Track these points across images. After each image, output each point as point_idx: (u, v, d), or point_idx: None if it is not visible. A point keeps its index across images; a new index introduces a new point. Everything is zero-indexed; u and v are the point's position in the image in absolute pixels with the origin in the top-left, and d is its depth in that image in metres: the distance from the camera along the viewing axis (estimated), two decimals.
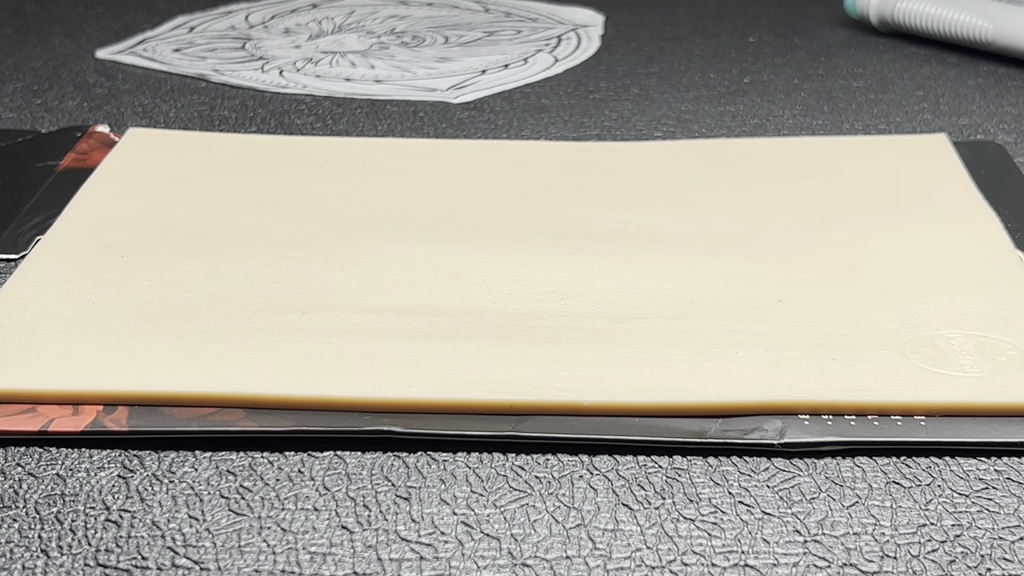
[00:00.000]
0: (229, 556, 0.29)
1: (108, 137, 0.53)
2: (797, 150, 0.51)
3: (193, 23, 0.73)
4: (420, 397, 0.34)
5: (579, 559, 0.29)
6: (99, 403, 0.34)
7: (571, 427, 0.33)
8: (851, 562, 0.28)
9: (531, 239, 0.43)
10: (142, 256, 0.42)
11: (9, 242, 0.44)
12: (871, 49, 0.66)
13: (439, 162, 0.50)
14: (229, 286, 0.40)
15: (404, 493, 0.31)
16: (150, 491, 0.31)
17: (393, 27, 0.71)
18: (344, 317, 0.38)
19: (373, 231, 0.43)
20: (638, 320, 0.37)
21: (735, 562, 0.29)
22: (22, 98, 0.59)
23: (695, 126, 0.55)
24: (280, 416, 0.33)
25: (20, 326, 0.37)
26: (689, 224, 0.44)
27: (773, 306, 0.38)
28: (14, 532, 0.30)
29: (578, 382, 0.34)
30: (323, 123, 0.56)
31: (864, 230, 0.43)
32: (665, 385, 0.34)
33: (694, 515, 0.30)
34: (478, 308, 0.38)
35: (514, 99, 0.59)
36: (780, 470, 0.32)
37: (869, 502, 0.30)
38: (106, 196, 0.46)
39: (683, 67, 0.64)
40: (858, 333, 0.36)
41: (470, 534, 0.30)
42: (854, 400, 0.33)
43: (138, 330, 0.37)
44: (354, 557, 0.29)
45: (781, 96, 0.59)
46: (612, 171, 0.49)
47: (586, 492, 0.31)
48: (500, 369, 0.35)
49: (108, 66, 0.64)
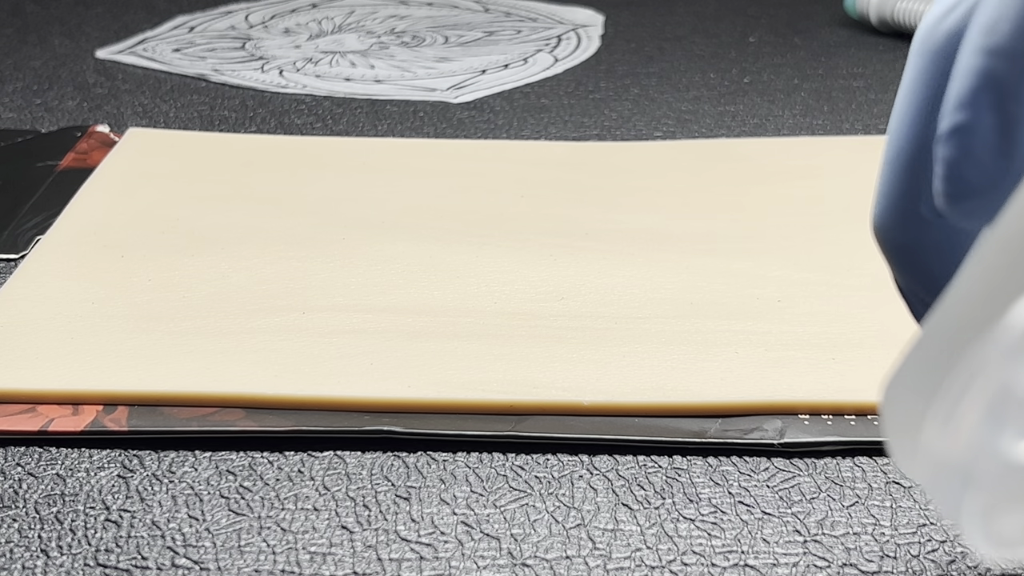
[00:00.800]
0: (229, 556, 0.29)
1: (108, 137, 0.53)
2: (797, 150, 0.51)
3: (193, 23, 0.73)
4: (420, 397, 0.34)
5: (579, 559, 0.29)
6: (99, 403, 0.34)
7: (571, 427, 0.33)
8: (851, 562, 0.28)
9: (531, 239, 0.43)
10: (142, 256, 0.42)
11: (9, 242, 0.44)
12: (871, 49, 0.66)
13: (439, 162, 0.50)
14: (229, 286, 0.40)
15: (404, 493, 0.31)
16: (150, 491, 0.31)
17: (393, 27, 0.71)
18: (344, 317, 0.38)
19: (373, 231, 0.43)
20: (638, 320, 0.37)
21: (735, 562, 0.29)
22: (22, 98, 0.59)
23: (695, 126, 0.55)
24: (280, 416, 0.33)
25: (20, 326, 0.37)
26: (689, 224, 0.44)
27: (773, 306, 0.38)
28: (14, 532, 0.30)
29: (578, 382, 0.34)
30: (323, 123, 0.56)
31: (864, 230, 0.43)
32: (665, 385, 0.34)
33: (694, 515, 0.30)
34: (478, 308, 0.38)
35: (514, 99, 0.59)
36: (780, 470, 0.32)
37: (869, 502, 0.30)
38: (106, 196, 0.46)
39: (683, 67, 0.64)
40: (858, 333, 0.36)
41: (470, 534, 0.30)
42: (854, 400, 0.33)
43: (138, 330, 0.37)
44: (354, 557, 0.29)
45: (781, 96, 0.59)
46: (612, 171, 0.49)
47: (586, 492, 0.31)
48: (500, 369, 0.35)
49: (108, 66, 0.64)
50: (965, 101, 0.18)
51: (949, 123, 0.18)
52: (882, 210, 0.21)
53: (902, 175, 0.21)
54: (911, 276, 0.22)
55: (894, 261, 0.22)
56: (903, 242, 0.21)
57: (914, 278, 0.22)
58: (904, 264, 0.22)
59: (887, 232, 0.21)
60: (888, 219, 0.21)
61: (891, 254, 0.22)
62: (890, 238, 0.21)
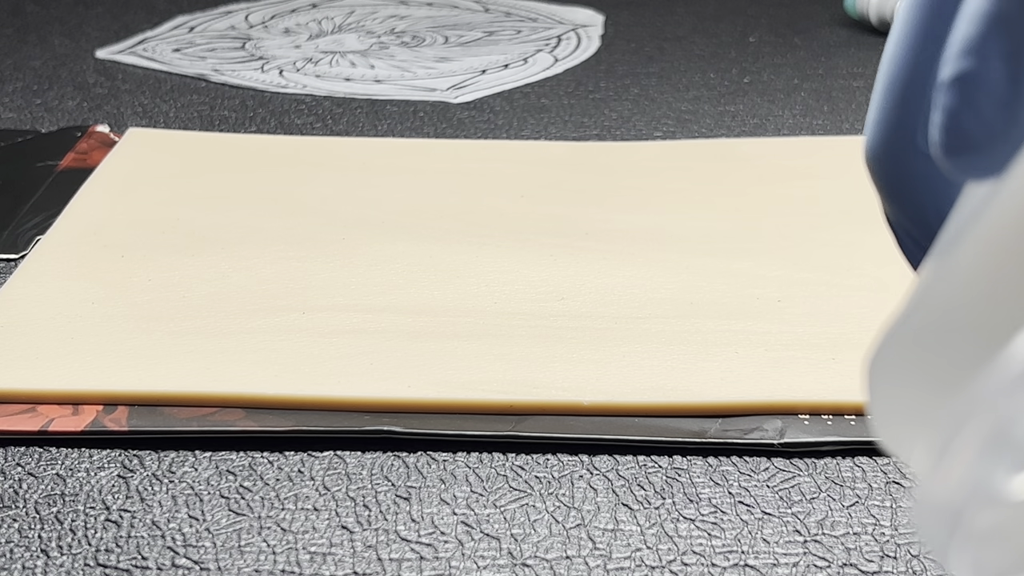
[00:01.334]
0: (229, 556, 0.29)
1: (108, 137, 0.53)
2: (797, 150, 0.51)
3: (193, 23, 0.73)
4: (420, 397, 0.34)
5: (579, 559, 0.29)
6: (99, 403, 0.34)
7: (571, 427, 0.33)
8: (851, 562, 0.28)
9: (531, 239, 0.43)
10: (142, 256, 0.42)
11: (9, 242, 0.44)
12: (871, 49, 0.66)
13: (439, 162, 0.50)
14: (229, 286, 0.40)
15: (404, 493, 0.31)
16: (150, 491, 0.31)
17: (393, 27, 0.71)
18: (344, 317, 0.38)
19: (373, 231, 0.43)
20: (638, 320, 0.37)
21: (735, 562, 0.29)
22: (22, 98, 0.59)
23: (695, 126, 0.55)
24: (280, 416, 0.33)
25: (20, 326, 0.37)
26: (689, 224, 0.44)
27: (773, 306, 0.38)
28: (14, 532, 0.30)
29: (578, 382, 0.34)
30: (323, 123, 0.56)
31: (864, 230, 0.43)
32: (665, 385, 0.34)
33: (694, 515, 0.30)
34: (478, 308, 0.38)
35: (514, 99, 0.59)
36: (780, 470, 0.32)
37: (869, 502, 0.30)
38: (106, 196, 0.46)
39: (683, 67, 0.64)
40: (858, 333, 0.36)
41: (470, 534, 0.30)
42: (854, 400, 0.33)
43: (138, 330, 0.37)
44: (354, 557, 0.29)
45: (781, 96, 0.59)
46: (612, 171, 0.49)
47: (586, 492, 0.31)
48: (500, 369, 0.35)
49: (108, 66, 0.64)
50: (972, 47, 0.16)
51: (953, 70, 0.16)
52: (874, 140, 0.20)
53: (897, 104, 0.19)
54: (901, 210, 0.21)
55: (885, 193, 0.20)
56: (895, 174, 0.20)
57: (904, 213, 0.21)
58: (895, 197, 0.20)
59: (879, 163, 0.20)
60: (880, 149, 0.20)
61: (882, 186, 0.20)
62: (881, 169, 0.20)
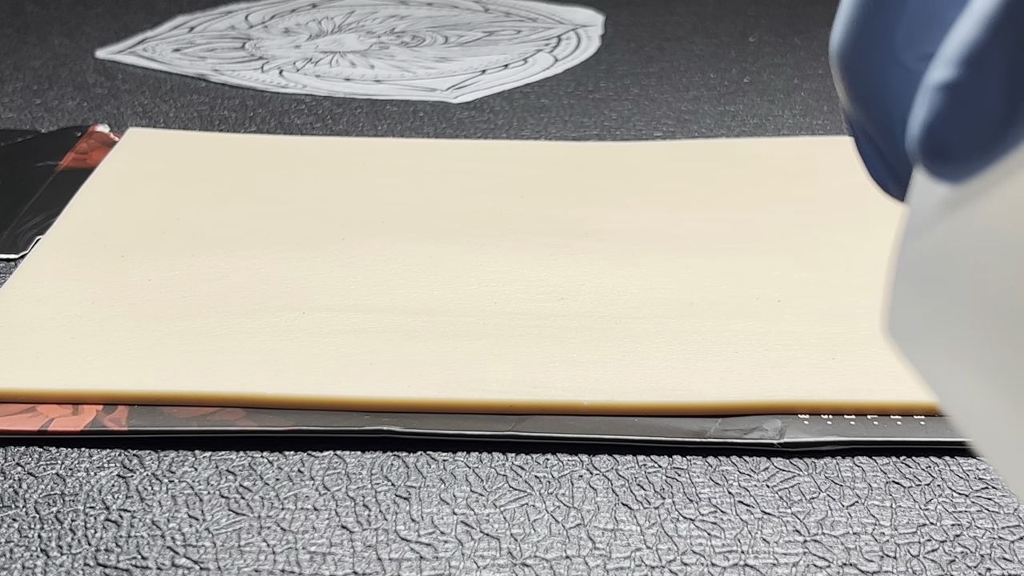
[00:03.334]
0: (229, 556, 0.29)
1: (108, 137, 0.53)
2: (797, 150, 0.51)
3: (193, 23, 0.73)
4: (420, 397, 0.34)
5: (579, 559, 0.29)
6: (99, 403, 0.34)
7: (571, 427, 0.33)
8: (851, 562, 0.28)
9: (531, 239, 0.43)
10: (142, 256, 0.42)
11: (9, 242, 0.44)
12: None
13: (439, 162, 0.50)
14: (229, 286, 0.40)
15: (404, 493, 0.31)
16: (150, 491, 0.31)
17: (393, 27, 0.71)
18: (344, 317, 0.38)
19: (373, 231, 0.43)
20: (637, 320, 0.37)
21: (735, 562, 0.29)
22: (22, 98, 0.59)
23: (695, 126, 0.55)
24: (280, 416, 0.33)
25: (20, 326, 0.37)
26: (689, 224, 0.44)
27: (773, 306, 0.38)
28: (14, 532, 0.30)
29: (578, 382, 0.34)
30: (323, 123, 0.56)
31: (864, 230, 0.43)
32: (665, 385, 0.34)
33: (694, 515, 0.30)
34: (478, 308, 0.38)
35: (514, 99, 0.59)
36: (780, 470, 0.32)
37: (869, 502, 0.30)
38: (106, 196, 0.46)
39: (683, 67, 0.64)
40: (858, 333, 0.36)
41: (470, 534, 0.30)
42: (854, 400, 0.33)
43: (138, 330, 0.37)
44: (354, 557, 0.29)
45: (781, 96, 0.59)
46: (612, 171, 0.49)
47: (586, 492, 0.31)
48: (500, 369, 0.35)
49: (108, 66, 0.64)
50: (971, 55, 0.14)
51: (946, 74, 0.15)
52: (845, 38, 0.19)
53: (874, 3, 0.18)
54: (865, 114, 0.19)
55: (850, 95, 0.19)
56: (863, 76, 0.18)
57: (868, 116, 0.19)
58: (860, 100, 0.19)
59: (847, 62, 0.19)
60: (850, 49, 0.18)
61: (848, 87, 0.19)
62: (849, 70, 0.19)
